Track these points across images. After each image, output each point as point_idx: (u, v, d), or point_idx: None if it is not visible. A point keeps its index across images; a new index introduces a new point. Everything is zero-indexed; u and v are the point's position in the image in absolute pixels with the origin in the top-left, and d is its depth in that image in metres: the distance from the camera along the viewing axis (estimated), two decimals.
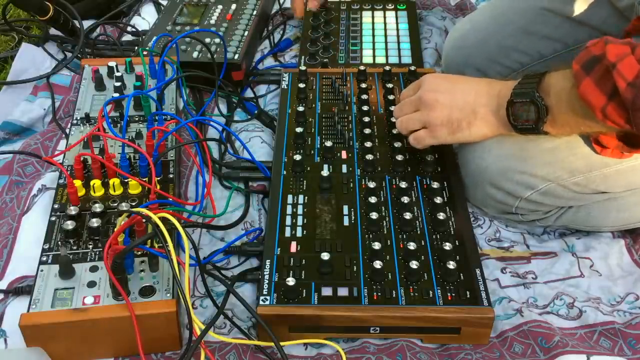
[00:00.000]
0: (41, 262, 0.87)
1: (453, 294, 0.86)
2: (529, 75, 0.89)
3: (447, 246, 0.89)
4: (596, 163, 0.93)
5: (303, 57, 1.39)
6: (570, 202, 1.00)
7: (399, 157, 1.04)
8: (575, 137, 0.93)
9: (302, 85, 1.21)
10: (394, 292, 0.86)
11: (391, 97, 1.19)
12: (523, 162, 0.97)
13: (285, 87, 1.24)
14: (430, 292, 0.86)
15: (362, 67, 1.25)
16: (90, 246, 0.89)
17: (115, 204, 0.95)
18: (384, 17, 1.51)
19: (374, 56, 1.39)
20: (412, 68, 1.25)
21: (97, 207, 0.92)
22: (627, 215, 1.00)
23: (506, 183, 0.99)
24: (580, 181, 0.96)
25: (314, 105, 1.19)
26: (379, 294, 0.86)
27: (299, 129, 1.10)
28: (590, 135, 0.91)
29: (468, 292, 0.86)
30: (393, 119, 1.12)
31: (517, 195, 0.99)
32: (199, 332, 0.77)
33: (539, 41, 1.24)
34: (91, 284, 0.84)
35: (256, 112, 1.27)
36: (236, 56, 1.31)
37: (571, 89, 0.82)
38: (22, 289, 0.90)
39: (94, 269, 0.86)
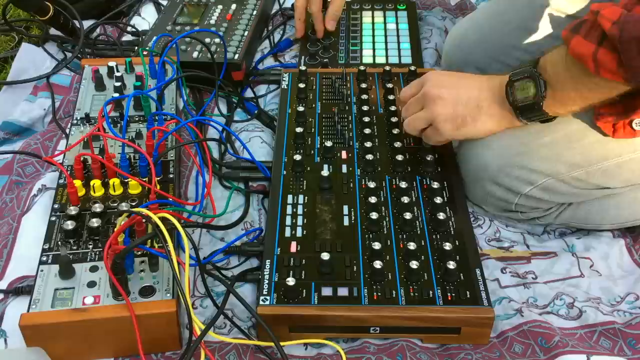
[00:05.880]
0: (41, 262, 0.87)
1: (453, 294, 0.86)
2: (525, 61, 0.91)
3: (447, 246, 0.89)
4: (595, 156, 0.93)
5: (303, 57, 1.39)
6: (570, 198, 1.00)
7: (399, 157, 1.04)
8: (575, 130, 0.93)
9: (302, 85, 1.21)
10: (394, 292, 0.86)
11: (391, 97, 1.19)
12: (522, 156, 0.97)
13: (285, 87, 1.24)
14: (430, 292, 0.86)
15: (362, 67, 1.25)
16: (90, 246, 0.89)
17: (115, 204, 0.95)
18: (384, 17, 1.51)
19: (374, 56, 1.39)
20: (412, 68, 1.25)
21: (97, 207, 0.92)
22: (626, 212, 1.01)
23: (505, 179, 0.99)
24: (580, 175, 0.96)
25: (314, 105, 1.19)
26: (379, 294, 0.86)
27: (299, 129, 1.10)
28: (595, 110, 0.90)
29: (468, 292, 0.86)
30: (393, 119, 1.12)
31: (516, 192, 0.99)
32: (199, 332, 0.77)
33: (540, 38, 1.24)
34: (91, 284, 0.84)
35: (256, 112, 1.27)
36: (236, 56, 1.31)
37: (565, 56, 0.84)
38: (22, 289, 0.90)
39: (94, 269, 0.86)
